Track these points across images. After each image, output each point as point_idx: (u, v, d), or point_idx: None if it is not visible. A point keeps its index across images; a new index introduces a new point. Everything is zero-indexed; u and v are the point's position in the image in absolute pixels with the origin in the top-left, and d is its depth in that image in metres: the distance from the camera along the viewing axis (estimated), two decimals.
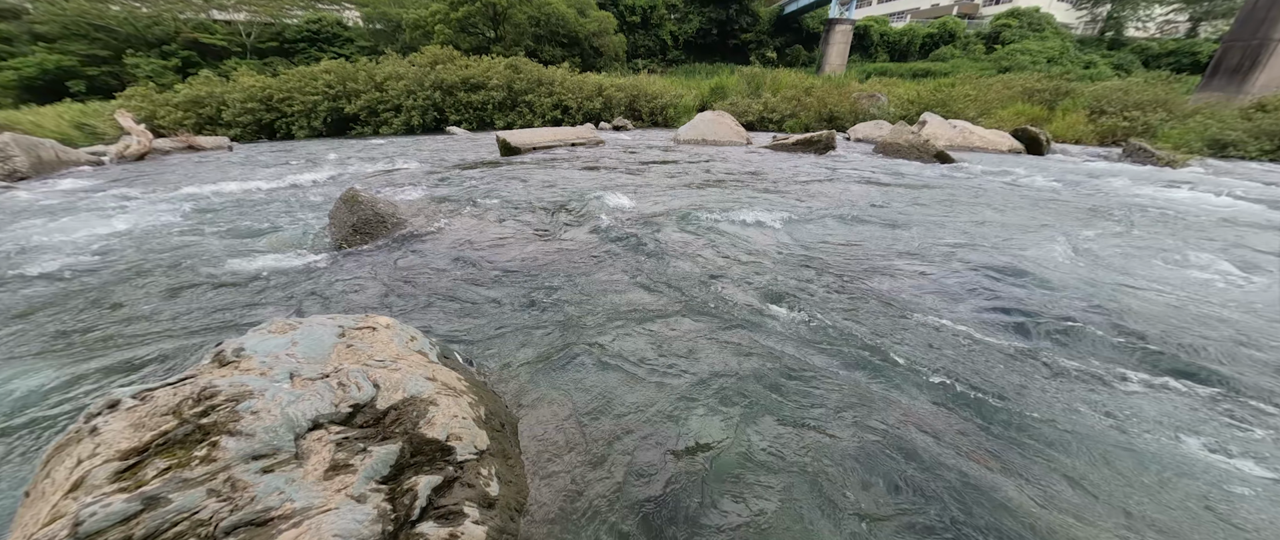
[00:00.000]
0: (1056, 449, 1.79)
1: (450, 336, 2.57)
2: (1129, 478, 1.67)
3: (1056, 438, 1.84)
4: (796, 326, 2.66)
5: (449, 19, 23.65)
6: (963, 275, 3.37)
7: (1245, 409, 2.01)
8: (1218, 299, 3.06)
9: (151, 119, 13.17)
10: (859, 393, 2.09)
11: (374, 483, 1.25)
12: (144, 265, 3.63)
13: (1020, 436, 1.85)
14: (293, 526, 1.07)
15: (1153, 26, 34.46)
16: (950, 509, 1.52)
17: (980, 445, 1.81)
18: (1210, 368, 2.28)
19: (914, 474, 1.66)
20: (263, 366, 1.43)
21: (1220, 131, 9.92)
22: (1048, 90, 14.45)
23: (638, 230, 4.31)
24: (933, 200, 5.60)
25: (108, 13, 22.06)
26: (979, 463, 1.72)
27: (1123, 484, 1.64)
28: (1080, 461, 1.73)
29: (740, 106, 16.21)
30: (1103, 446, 1.80)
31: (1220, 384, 2.17)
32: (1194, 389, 2.14)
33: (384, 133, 15.13)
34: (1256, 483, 1.64)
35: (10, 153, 7.51)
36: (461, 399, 1.64)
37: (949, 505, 1.54)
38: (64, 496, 1.06)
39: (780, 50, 35.89)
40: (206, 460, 1.12)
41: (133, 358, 2.38)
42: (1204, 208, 5.45)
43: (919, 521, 1.48)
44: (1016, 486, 1.62)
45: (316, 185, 6.72)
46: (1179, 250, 3.95)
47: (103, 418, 1.20)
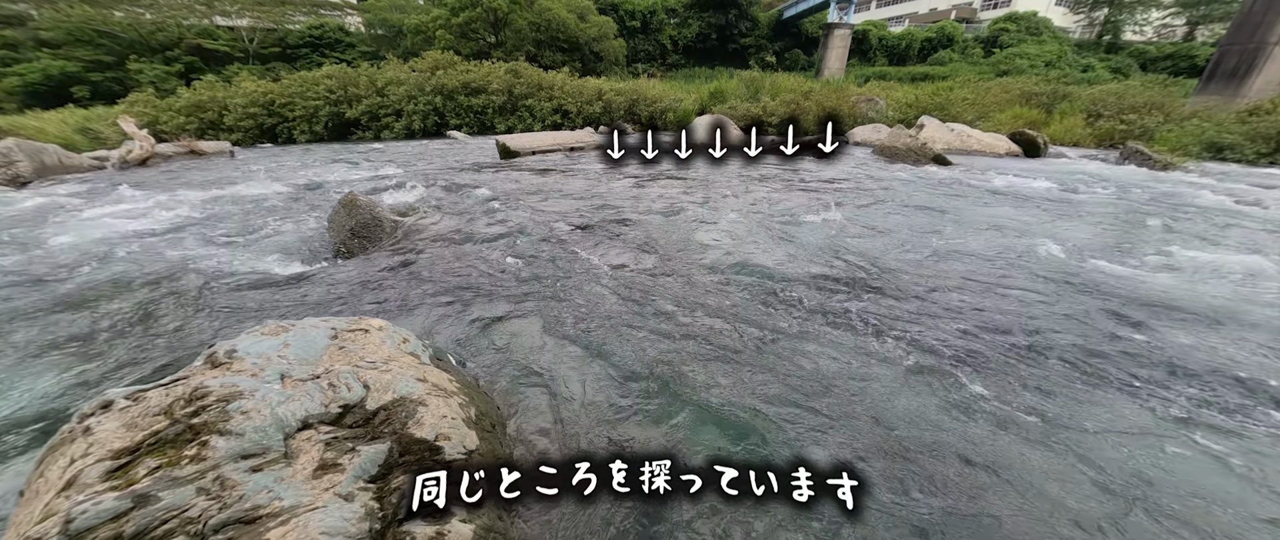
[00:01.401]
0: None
1: (443, 338, 2.60)
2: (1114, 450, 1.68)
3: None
4: (779, 330, 2.68)
5: (450, 24, 23.83)
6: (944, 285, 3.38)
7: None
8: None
9: (154, 124, 13.25)
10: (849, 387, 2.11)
11: (362, 482, 1.27)
12: (143, 269, 3.66)
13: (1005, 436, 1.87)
14: (280, 524, 1.09)
15: (1150, 30, 34.54)
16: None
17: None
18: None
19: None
20: (254, 367, 1.45)
21: (1217, 134, 9.94)
22: (1045, 94, 14.48)
23: (630, 230, 4.33)
24: (928, 202, 5.62)
25: (112, 19, 22.26)
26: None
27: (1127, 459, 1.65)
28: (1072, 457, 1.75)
29: (739, 110, 16.27)
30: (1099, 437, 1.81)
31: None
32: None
33: (385, 137, 15.21)
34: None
35: (13, 157, 7.57)
36: (452, 400, 1.66)
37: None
38: (56, 495, 1.08)
39: (779, 54, 36.05)
40: (196, 459, 1.15)
41: (129, 359, 2.41)
42: (1197, 206, 5.47)
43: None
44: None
45: (316, 189, 6.76)
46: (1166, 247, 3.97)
47: (96, 418, 1.23)
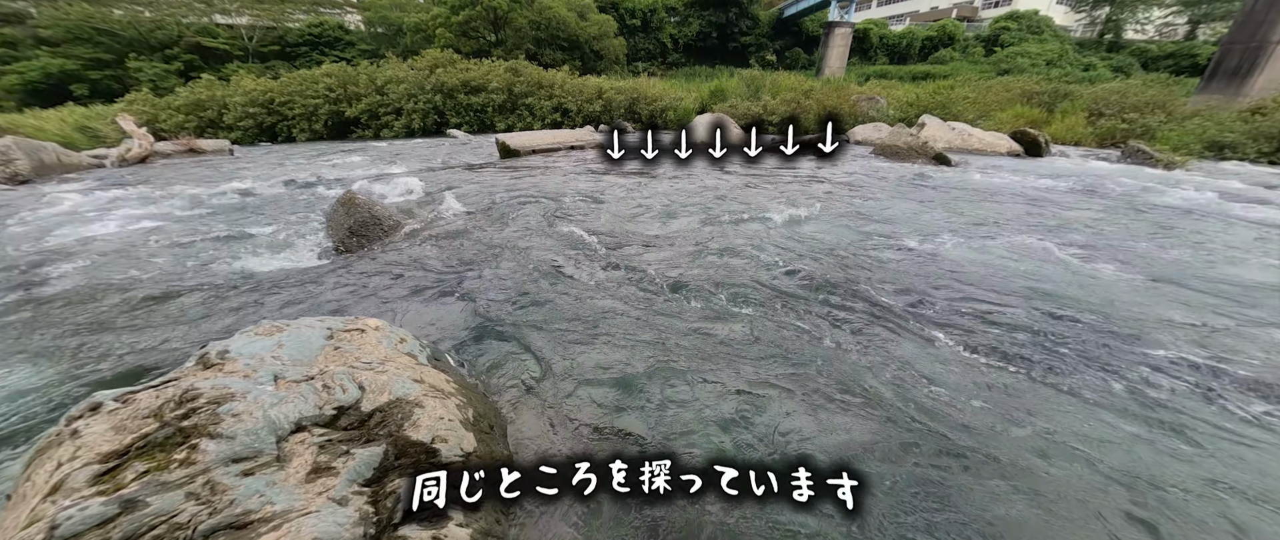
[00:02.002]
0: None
1: (442, 338, 2.57)
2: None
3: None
4: (781, 330, 2.65)
5: (450, 23, 23.74)
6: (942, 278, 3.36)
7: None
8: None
9: (153, 122, 13.20)
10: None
11: (356, 485, 1.24)
12: (139, 267, 3.63)
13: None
14: (272, 530, 1.06)
15: (1151, 29, 34.42)
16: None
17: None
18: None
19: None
20: (247, 368, 1.42)
21: (1219, 134, 9.90)
22: (1047, 93, 14.43)
23: (628, 230, 4.30)
24: (932, 200, 5.59)
25: (111, 17, 22.19)
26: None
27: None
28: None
29: (739, 109, 16.22)
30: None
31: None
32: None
33: (385, 135, 15.16)
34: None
35: (12, 156, 7.54)
36: (449, 401, 1.63)
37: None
38: (42, 499, 1.06)
39: (780, 53, 35.96)
40: (186, 463, 1.12)
41: (123, 359, 2.38)
42: (1198, 206, 5.44)
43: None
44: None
45: (315, 188, 6.73)
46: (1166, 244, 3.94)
47: (84, 420, 1.20)
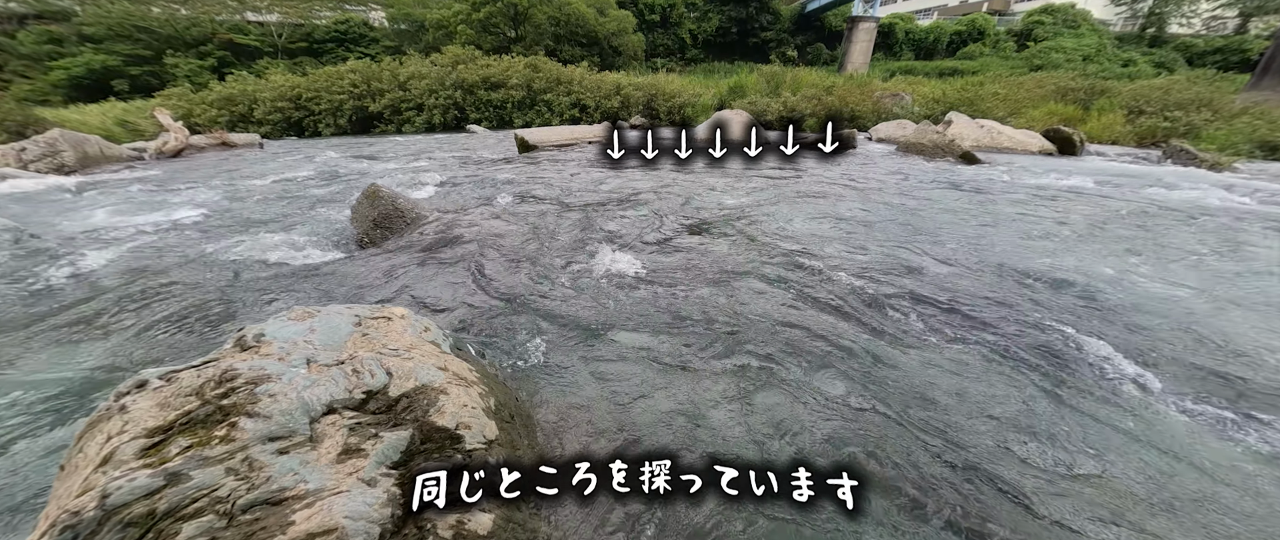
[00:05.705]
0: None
1: (463, 328, 2.61)
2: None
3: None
4: (795, 322, 2.62)
5: (471, 19, 24.03)
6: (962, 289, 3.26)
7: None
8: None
9: (188, 116, 13.73)
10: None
11: (385, 467, 1.27)
12: (177, 253, 3.79)
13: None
14: (305, 507, 1.10)
15: (1198, 23, 32.66)
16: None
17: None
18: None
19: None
20: (281, 352, 1.47)
21: (1270, 133, 9.37)
22: (1082, 89, 13.84)
23: (644, 225, 4.30)
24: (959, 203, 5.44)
25: (149, 15, 23.11)
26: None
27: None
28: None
29: (759, 105, 16.02)
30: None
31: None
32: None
33: (407, 131, 15.46)
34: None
35: (59, 148, 7.93)
36: (472, 389, 1.66)
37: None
38: (94, 470, 1.11)
39: (801, 49, 35.39)
40: (226, 440, 1.16)
41: (163, 341, 2.49)
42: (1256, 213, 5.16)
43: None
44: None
45: (340, 180, 6.90)
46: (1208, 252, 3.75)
47: (131, 397, 1.25)
